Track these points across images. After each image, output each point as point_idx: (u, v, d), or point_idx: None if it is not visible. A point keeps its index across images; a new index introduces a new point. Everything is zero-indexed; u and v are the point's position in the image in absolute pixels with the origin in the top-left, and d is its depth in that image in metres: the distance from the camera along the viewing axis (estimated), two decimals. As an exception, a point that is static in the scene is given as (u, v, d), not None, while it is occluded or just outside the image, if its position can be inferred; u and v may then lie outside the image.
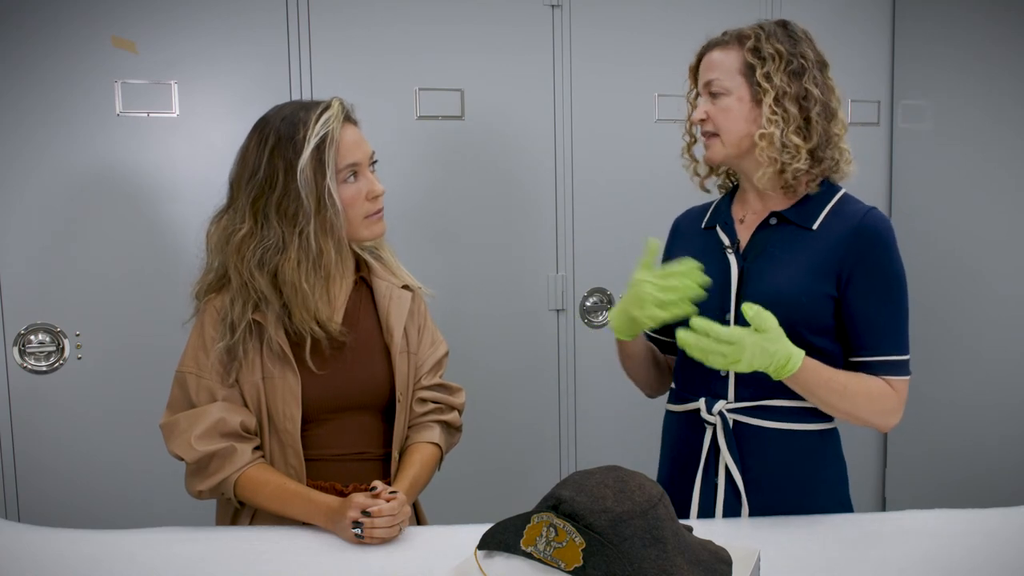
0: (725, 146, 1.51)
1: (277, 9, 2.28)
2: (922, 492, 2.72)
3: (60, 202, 2.18)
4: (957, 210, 2.58)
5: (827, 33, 1.50)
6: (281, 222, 1.46)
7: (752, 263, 1.51)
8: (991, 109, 2.44)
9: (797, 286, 1.45)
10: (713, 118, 1.51)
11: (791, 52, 1.48)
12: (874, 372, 1.46)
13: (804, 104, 1.47)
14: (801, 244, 1.49)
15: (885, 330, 1.46)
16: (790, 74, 1.47)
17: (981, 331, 2.50)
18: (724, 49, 1.51)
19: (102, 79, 2.18)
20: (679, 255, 1.62)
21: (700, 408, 1.52)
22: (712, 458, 1.51)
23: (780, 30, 1.50)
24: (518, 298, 2.54)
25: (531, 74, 2.49)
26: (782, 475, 1.49)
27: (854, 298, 1.45)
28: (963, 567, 1.24)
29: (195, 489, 1.48)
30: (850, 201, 1.52)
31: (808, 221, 1.50)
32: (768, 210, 1.53)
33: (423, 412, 1.61)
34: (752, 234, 1.53)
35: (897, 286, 1.47)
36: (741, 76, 1.48)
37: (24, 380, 2.18)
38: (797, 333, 1.44)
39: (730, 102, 1.49)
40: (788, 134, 1.46)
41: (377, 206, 1.53)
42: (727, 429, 1.49)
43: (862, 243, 1.45)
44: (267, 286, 1.46)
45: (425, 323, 1.65)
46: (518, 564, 1.08)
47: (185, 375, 1.50)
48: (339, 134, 1.46)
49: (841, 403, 1.43)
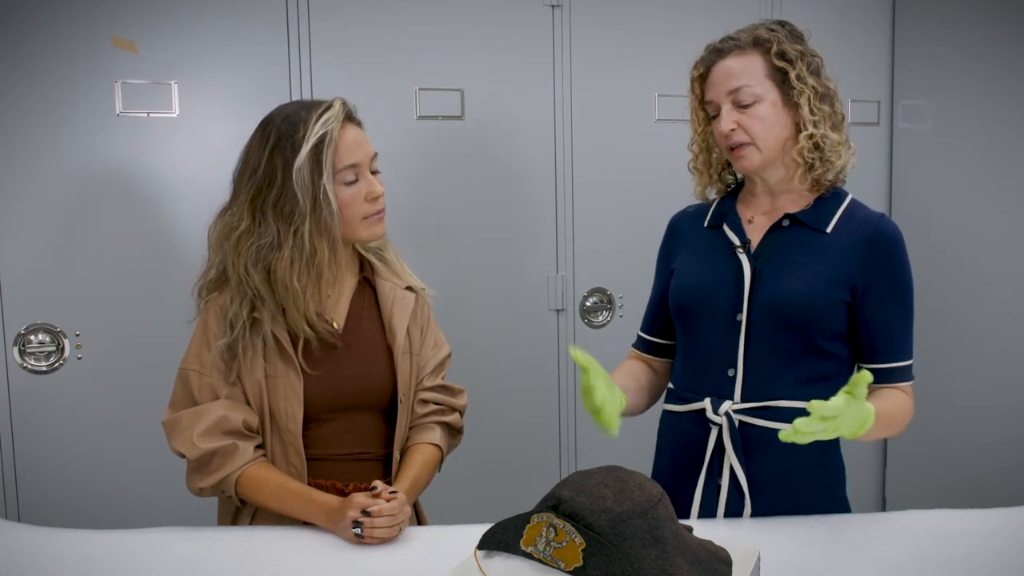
0: (762, 152, 1.47)
1: (277, 9, 2.28)
2: (922, 492, 2.72)
3: (60, 202, 2.18)
4: (957, 210, 2.58)
5: (827, 33, 1.50)
6: (277, 220, 1.46)
7: (765, 264, 1.49)
8: (991, 109, 2.44)
9: (812, 289, 1.45)
10: (747, 127, 1.46)
11: (806, 51, 1.48)
12: (888, 378, 1.47)
13: (830, 100, 1.48)
14: (814, 248, 1.48)
15: (899, 337, 1.48)
16: (812, 73, 1.47)
17: (981, 331, 2.50)
18: (742, 55, 1.47)
19: (102, 79, 2.18)
20: (680, 253, 1.62)
21: (706, 408, 1.51)
22: (716, 459, 1.51)
23: (788, 30, 1.50)
24: (518, 298, 2.54)
25: (531, 74, 2.49)
26: (785, 476, 1.49)
27: (870, 307, 1.46)
28: (963, 567, 1.24)
29: (196, 486, 1.48)
30: (860, 206, 1.52)
31: (822, 224, 1.49)
32: (780, 211, 1.52)
33: (424, 413, 1.61)
34: (764, 235, 1.52)
35: (909, 294, 1.49)
36: (770, 81, 1.46)
37: (24, 380, 2.18)
38: (811, 338, 1.45)
39: (763, 109, 1.46)
40: (828, 131, 1.46)
41: (376, 207, 1.52)
42: (733, 430, 1.48)
43: (878, 252, 1.46)
44: (262, 283, 1.46)
45: (428, 324, 1.65)
46: (518, 564, 1.08)
47: (188, 372, 1.50)
48: (338, 134, 1.46)
49: (886, 432, 1.44)
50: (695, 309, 1.54)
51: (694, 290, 1.55)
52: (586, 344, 2.59)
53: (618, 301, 2.61)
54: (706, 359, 1.53)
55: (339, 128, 1.46)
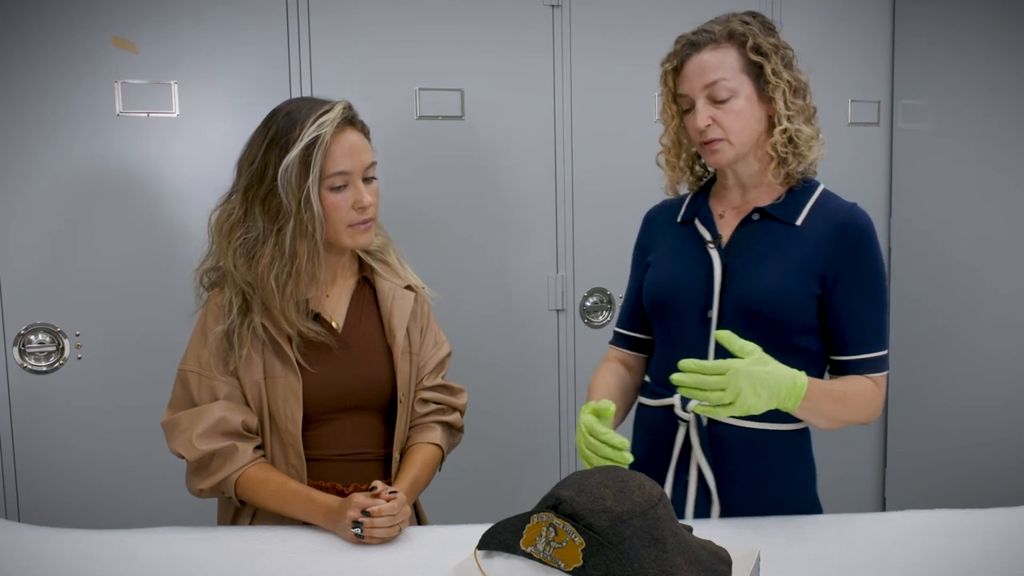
0: (735, 148, 1.46)
1: (277, 9, 2.28)
2: (922, 492, 2.71)
3: (60, 202, 2.18)
4: (957, 210, 2.58)
5: (827, 33, 1.50)
6: (264, 216, 1.46)
7: (735, 259, 1.48)
8: (991, 109, 2.44)
9: (782, 284, 1.44)
10: (721, 122, 1.45)
11: (779, 44, 1.47)
12: (859, 370, 1.46)
13: (803, 93, 1.47)
14: (785, 240, 1.47)
15: (870, 328, 1.46)
16: (786, 66, 1.46)
17: (981, 331, 2.50)
18: (717, 49, 1.45)
19: (102, 79, 2.18)
20: (655, 248, 1.61)
21: (674, 404, 1.51)
22: (684, 455, 1.50)
23: (760, 22, 1.48)
24: (518, 298, 2.54)
25: (531, 74, 2.49)
26: (754, 475, 1.47)
27: (840, 297, 1.44)
28: (963, 567, 1.24)
29: (196, 488, 1.48)
30: (831, 197, 1.51)
31: (792, 217, 1.48)
32: (751, 205, 1.51)
33: (424, 413, 1.61)
34: (734, 230, 1.51)
35: (880, 283, 1.47)
36: (745, 75, 1.45)
37: (24, 380, 2.18)
38: (781, 333, 1.44)
39: (738, 103, 1.44)
40: (801, 125, 1.45)
41: (363, 216, 1.49)
42: (701, 427, 1.48)
43: (848, 242, 1.45)
44: (248, 275, 1.46)
45: (428, 324, 1.65)
46: (518, 564, 1.08)
47: (187, 373, 1.50)
48: (331, 139, 1.44)
49: (841, 412, 1.40)
50: (667, 305, 1.54)
51: (666, 286, 1.54)
52: (586, 344, 2.59)
53: (618, 301, 2.61)
54: (678, 355, 1.52)
55: (333, 132, 1.44)
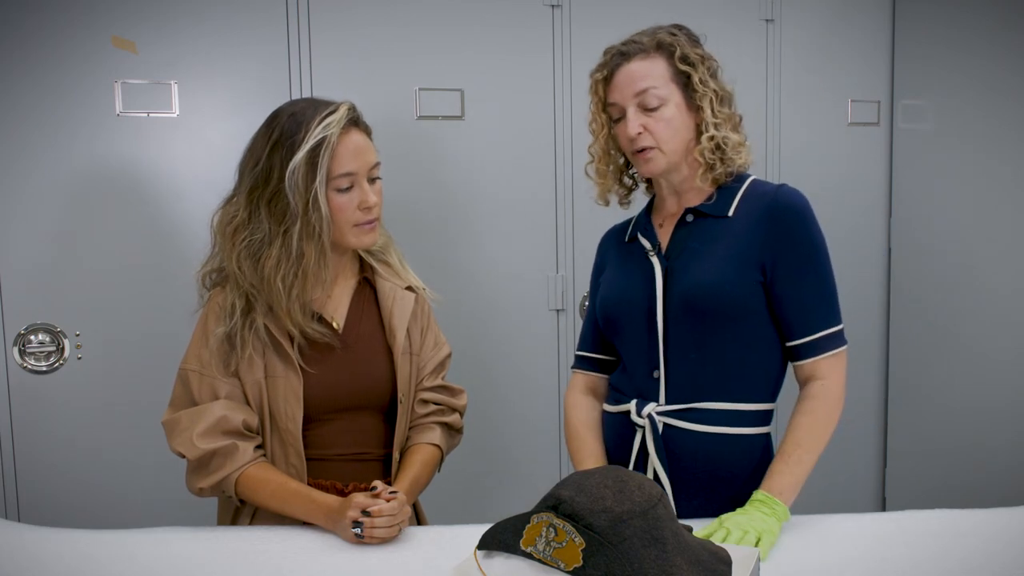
0: (666, 156, 1.49)
1: (277, 9, 2.28)
2: (922, 492, 2.71)
3: (60, 202, 2.18)
4: (957, 210, 2.57)
5: (827, 33, 1.50)
6: (270, 218, 1.46)
7: (675, 261, 1.51)
8: (991, 109, 2.44)
9: (721, 275, 1.45)
10: (652, 130, 1.48)
11: (705, 55, 1.51)
12: (814, 352, 1.46)
13: (729, 102, 1.51)
14: (720, 233, 1.49)
15: (817, 307, 1.46)
16: (712, 76, 1.50)
17: (981, 331, 2.50)
18: (647, 58, 1.49)
19: (102, 79, 2.18)
20: (608, 271, 1.65)
21: (631, 410, 1.52)
22: (641, 460, 1.51)
23: (686, 34, 1.52)
24: (518, 298, 2.54)
25: (531, 74, 2.49)
26: (712, 479, 1.48)
27: (781, 281, 1.45)
28: (963, 567, 1.24)
29: (196, 487, 1.48)
30: (760, 184, 1.53)
31: (723, 210, 1.51)
32: (683, 208, 1.54)
33: (424, 413, 1.61)
34: (671, 234, 1.54)
35: (820, 258, 1.47)
36: (674, 84, 1.49)
37: (24, 380, 2.18)
38: (730, 323, 1.45)
39: (669, 111, 1.48)
40: (728, 133, 1.48)
41: (368, 216, 1.50)
42: (656, 432, 1.49)
43: (779, 222, 1.46)
44: (253, 277, 1.47)
45: (428, 324, 1.65)
46: (518, 564, 1.08)
47: (188, 372, 1.50)
48: (337, 140, 1.45)
49: (815, 449, 1.44)
50: (618, 318, 1.56)
51: (614, 299, 1.58)
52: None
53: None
54: (634, 364, 1.55)
55: (339, 133, 1.45)
